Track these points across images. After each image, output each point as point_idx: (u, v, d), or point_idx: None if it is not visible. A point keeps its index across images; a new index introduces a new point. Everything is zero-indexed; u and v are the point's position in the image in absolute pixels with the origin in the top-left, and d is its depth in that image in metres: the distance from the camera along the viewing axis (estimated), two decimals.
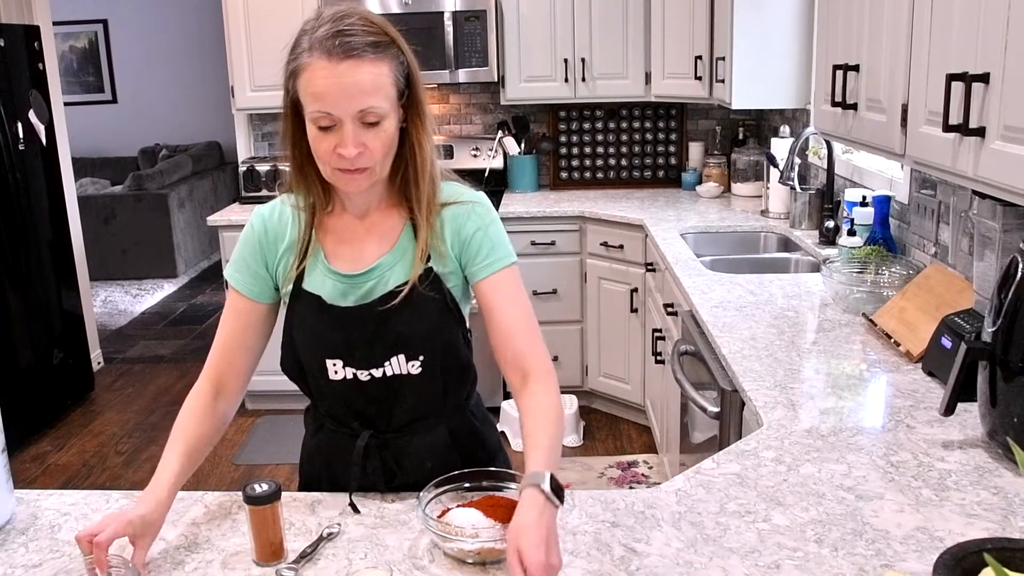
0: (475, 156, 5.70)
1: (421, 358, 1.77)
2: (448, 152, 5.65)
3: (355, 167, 1.63)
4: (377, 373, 1.77)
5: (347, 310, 1.76)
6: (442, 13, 5.06)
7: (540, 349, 1.75)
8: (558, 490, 1.49)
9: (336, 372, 1.78)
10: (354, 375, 1.78)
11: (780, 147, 4.46)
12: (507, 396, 5.01)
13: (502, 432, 4.67)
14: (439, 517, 1.58)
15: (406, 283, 1.73)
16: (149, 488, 1.61)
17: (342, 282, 1.76)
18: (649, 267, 4.50)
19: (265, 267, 1.80)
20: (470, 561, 1.52)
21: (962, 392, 1.91)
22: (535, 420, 1.64)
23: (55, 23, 6.04)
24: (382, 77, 1.60)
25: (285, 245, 1.79)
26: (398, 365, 1.77)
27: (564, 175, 5.85)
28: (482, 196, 1.83)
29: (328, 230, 1.79)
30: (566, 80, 5.29)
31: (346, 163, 1.61)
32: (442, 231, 1.77)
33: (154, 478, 1.63)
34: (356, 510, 1.73)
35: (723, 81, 4.56)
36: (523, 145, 5.60)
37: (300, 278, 1.78)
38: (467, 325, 1.87)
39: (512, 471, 1.70)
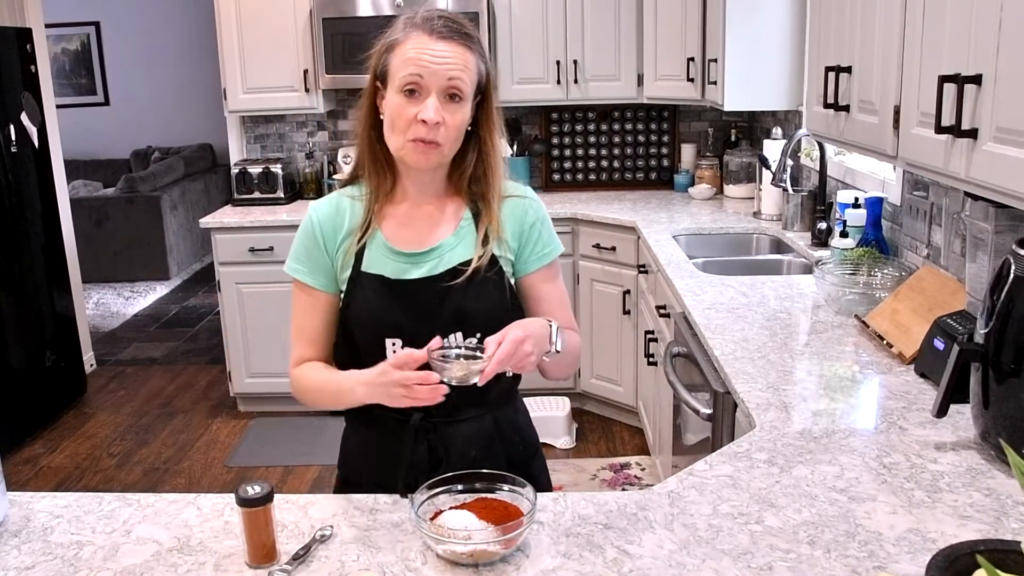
0: None
1: (478, 335, 1.83)
2: None
3: (430, 138, 1.74)
4: None
5: (410, 283, 1.84)
6: None
7: (573, 322, 2.03)
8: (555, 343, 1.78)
9: (394, 352, 1.83)
10: None
11: (772, 149, 4.47)
12: None
13: None
14: (432, 519, 1.58)
15: (468, 262, 1.84)
16: (364, 376, 1.72)
17: (404, 261, 1.85)
18: (641, 269, 4.51)
19: (326, 256, 1.88)
20: (463, 563, 1.52)
21: (954, 394, 1.91)
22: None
23: (47, 25, 6.03)
24: (470, 62, 1.77)
25: (344, 233, 1.88)
26: (455, 343, 1.83)
27: (556, 177, 5.85)
28: (532, 191, 2.01)
29: (388, 216, 1.89)
30: (558, 82, 5.29)
31: (423, 131, 1.73)
32: (502, 220, 1.90)
33: (356, 378, 1.75)
34: (406, 495, 1.73)
35: (715, 83, 4.56)
36: (515, 147, 5.61)
37: (359, 262, 1.86)
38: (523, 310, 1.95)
39: (505, 473, 1.69)
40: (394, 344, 1.83)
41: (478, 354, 1.67)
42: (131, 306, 8.08)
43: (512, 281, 1.91)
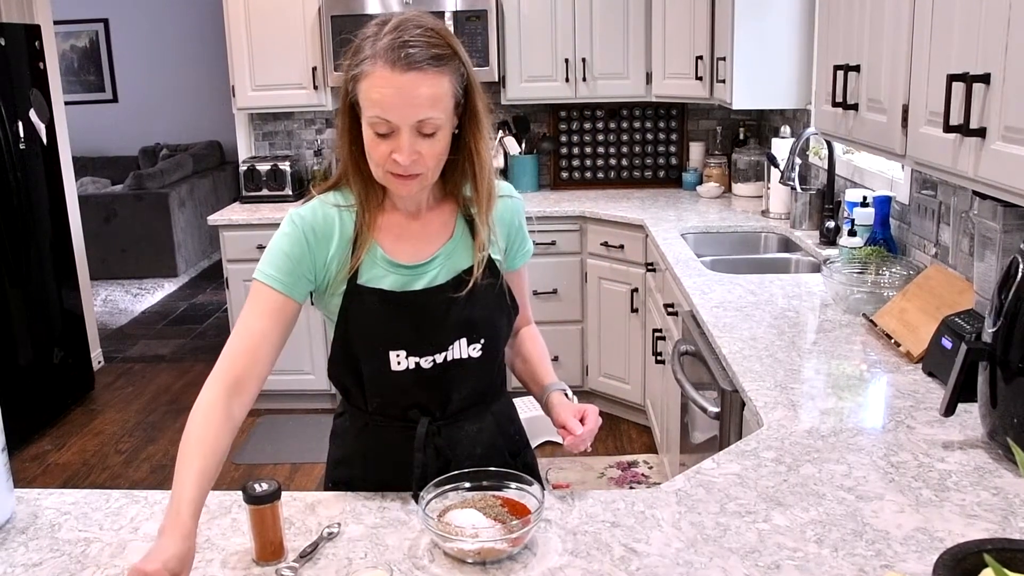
0: None
1: (482, 342, 1.84)
2: None
3: (408, 173, 1.67)
4: (439, 359, 1.81)
5: (414, 295, 1.79)
6: (443, 13, 5.06)
7: (531, 315, 2.11)
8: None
9: (399, 363, 1.80)
10: (416, 364, 1.80)
11: (781, 147, 4.46)
12: None
13: None
14: (439, 517, 1.58)
15: (469, 268, 1.82)
16: (171, 520, 1.44)
17: (405, 274, 1.80)
18: (649, 267, 4.50)
19: (312, 268, 1.77)
20: (470, 561, 1.52)
21: (962, 393, 1.91)
22: (536, 347, 2.06)
23: (56, 22, 6.05)
24: (442, 90, 1.64)
25: (335, 245, 1.78)
26: (460, 349, 1.83)
27: (565, 175, 5.85)
28: (513, 188, 1.96)
29: (381, 227, 1.81)
30: (567, 80, 5.29)
31: (399, 169, 1.66)
32: (494, 224, 1.86)
33: (172, 506, 1.47)
34: (417, 499, 1.68)
35: (724, 81, 4.56)
36: (524, 145, 5.60)
37: (355, 276, 1.78)
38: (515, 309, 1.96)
39: (513, 471, 1.70)
40: (398, 355, 1.79)
41: None
42: (139, 303, 8.10)
43: (504, 279, 1.90)
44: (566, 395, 1.93)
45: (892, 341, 2.52)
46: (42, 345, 5.26)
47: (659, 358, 4.16)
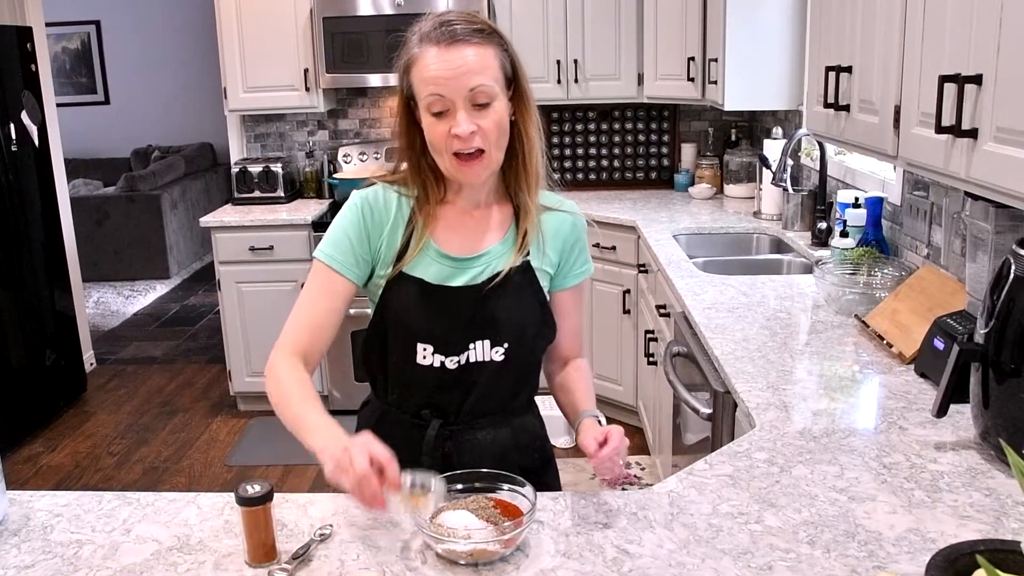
0: None
1: (506, 346, 1.84)
2: None
3: (471, 149, 1.70)
4: (463, 359, 1.83)
5: (450, 290, 1.81)
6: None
7: (581, 344, 2.08)
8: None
9: (424, 357, 1.82)
10: (441, 362, 1.82)
11: (773, 148, 4.46)
12: None
13: None
14: (431, 518, 1.58)
15: (509, 272, 1.83)
16: (336, 432, 1.63)
17: (450, 266, 1.82)
18: (641, 268, 4.50)
19: (368, 249, 1.83)
20: (462, 562, 1.52)
21: (954, 394, 1.91)
22: (581, 378, 2.02)
23: (48, 24, 6.03)
24: (488, 58, 1.71)
25: (389, 227, 1.83)
26: (482, 351, 1.83)
27: (556, 176, 5.80)
28: (577, 207, 2.00)
29: (438, 218, 1.85)
30: (559, 81, 5.29)
31: (461, 144, 1.69)
32: (547, 233, 1.89)
33: (328, 430, 1.64)
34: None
35: (716, 82, 4.56)
36: None
37: (402, 261, 1.81)
38: (556, 324, 1.95)
39: (505, 472, 1.69)
40: (425, 349, 1.81)
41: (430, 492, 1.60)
42: (131, 305, 8.08)
43: (546, 291, 1.90)
44: (599, 422, 1.88)
45: (884, 342, 2.53)
46: (34, 347, 5.24)
47: (651, 359, 4.16)
